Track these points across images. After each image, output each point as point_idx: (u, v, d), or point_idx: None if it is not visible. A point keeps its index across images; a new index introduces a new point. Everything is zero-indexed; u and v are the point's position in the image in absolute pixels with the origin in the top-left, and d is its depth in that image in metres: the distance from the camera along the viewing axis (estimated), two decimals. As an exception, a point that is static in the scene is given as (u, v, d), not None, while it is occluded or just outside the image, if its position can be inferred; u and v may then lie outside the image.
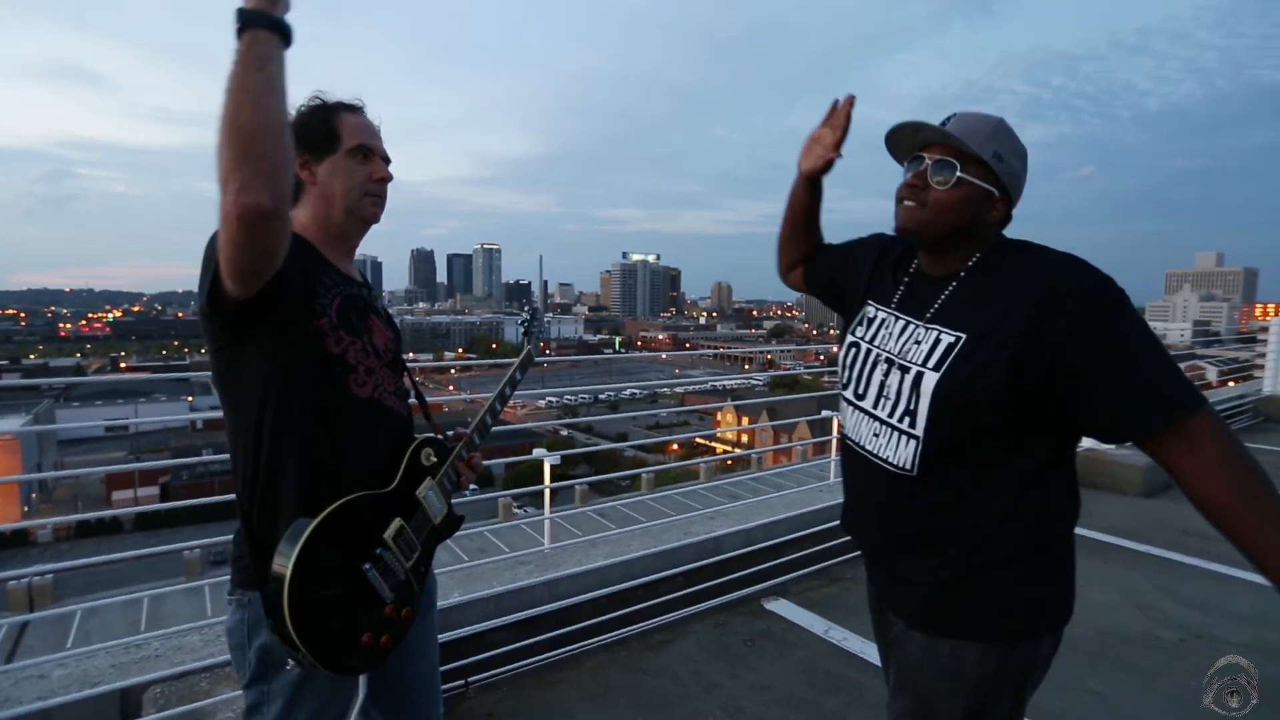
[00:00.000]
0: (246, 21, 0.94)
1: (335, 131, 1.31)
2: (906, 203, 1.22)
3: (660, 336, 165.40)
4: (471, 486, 1.53)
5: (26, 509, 39.69)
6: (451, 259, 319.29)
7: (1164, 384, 1.03)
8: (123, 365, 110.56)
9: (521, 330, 1.79)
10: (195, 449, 43.17)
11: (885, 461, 1.22)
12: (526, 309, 1.79)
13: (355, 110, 1.35)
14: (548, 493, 6.85)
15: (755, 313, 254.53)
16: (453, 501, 1.43)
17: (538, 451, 3.75)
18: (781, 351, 62.97)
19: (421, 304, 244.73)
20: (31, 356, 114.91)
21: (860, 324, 1.37)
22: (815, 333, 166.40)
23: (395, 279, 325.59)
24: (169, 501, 37.69)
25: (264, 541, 1.17)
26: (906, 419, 1.18)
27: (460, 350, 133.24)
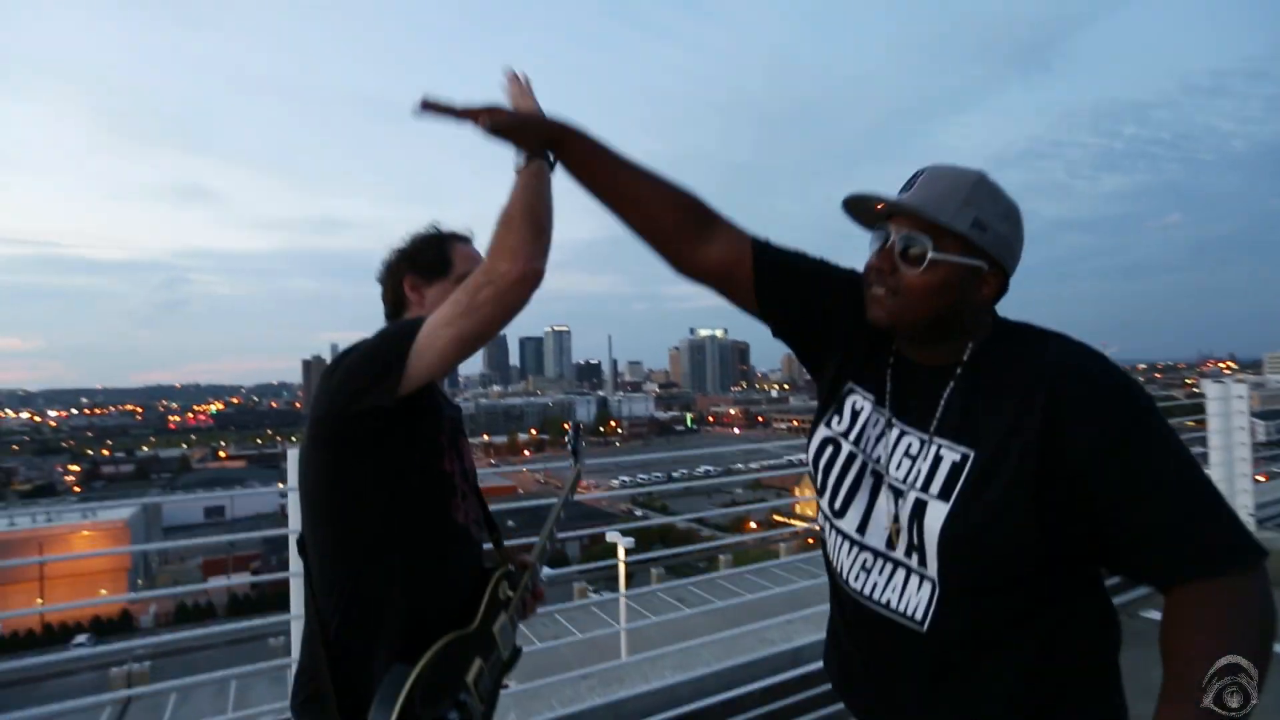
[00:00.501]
0: (543, 158, 1.12)
1: (448, 258, 1.37)
2: (874, 290, 0.98)
3: (731, 411, 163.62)
4: (546, 570, 1.48)
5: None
6: (523, 342, 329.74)
7: (1207, 525, 0.82)
8: (222, 454, 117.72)
9: (568, 449, 1.67)
10: (283, 536, 44.67)
11: (884, 607, 0.97)
12: (571, 430, 1.71)
13: (466, 240, 1.41)
14: (622, 582, 6.66)
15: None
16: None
17: (611, 535, 3.65)
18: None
19: (495, 386, 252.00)
20: (144, 448, 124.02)
21: (838, 413, 1.09)
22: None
23: (469, 364, 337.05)
24: (258, 589, 38.91)
25: (351, 674, 1.07)
26: (914, 555, 0.94)
27: (533, 431, 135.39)
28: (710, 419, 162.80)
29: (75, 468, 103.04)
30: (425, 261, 1.36)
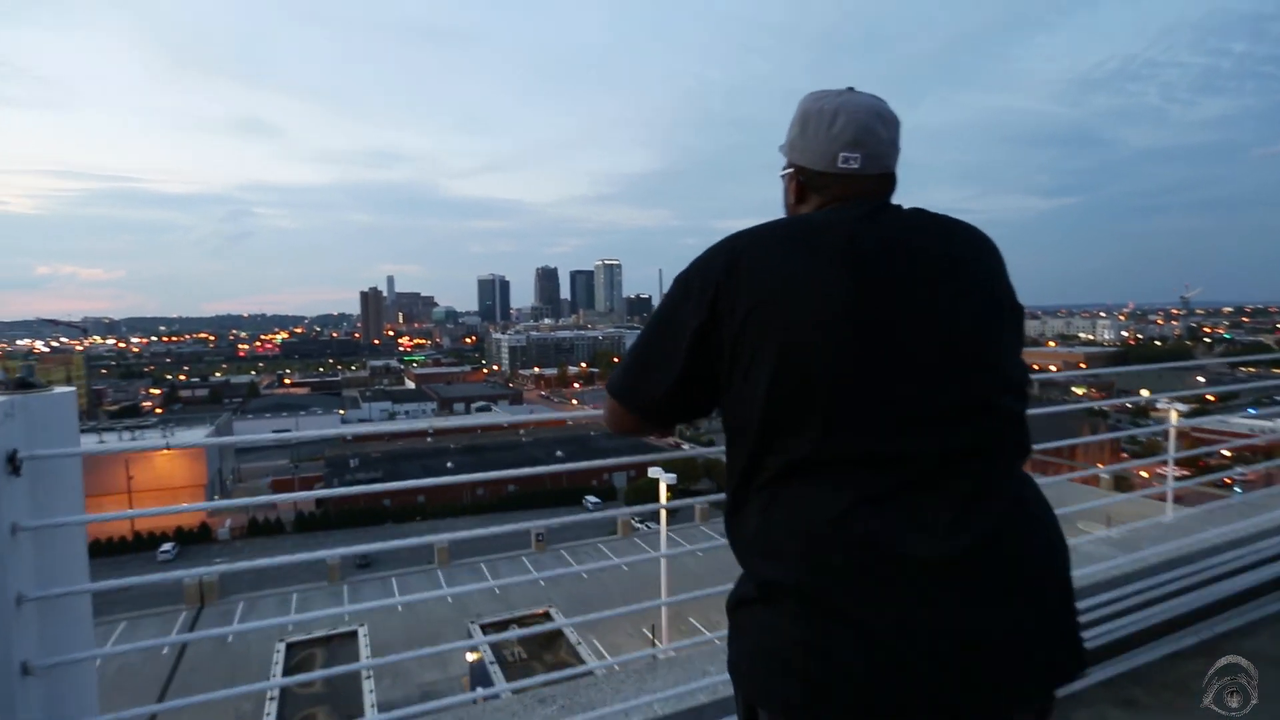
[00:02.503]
0: None
1: None
2: None
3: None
4: (592, 500, 1.25)
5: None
6: (574, 275, 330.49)
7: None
8: (287, 381, 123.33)
9: None
10: (344, 459, 46.97)
11: None
12: None
13: None
14: (664, 525, 6.43)
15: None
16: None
17: (654, 471, 3.39)
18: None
19: (546, 320, 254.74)
20: (217, 374, 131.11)
21: None
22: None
23: (521, 296, 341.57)
24: (323, 507, 41.09)
25: None
26: None
27: (583, 365, 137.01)
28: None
29: (156, 390, 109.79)
30: None
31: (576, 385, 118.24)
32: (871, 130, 1.07)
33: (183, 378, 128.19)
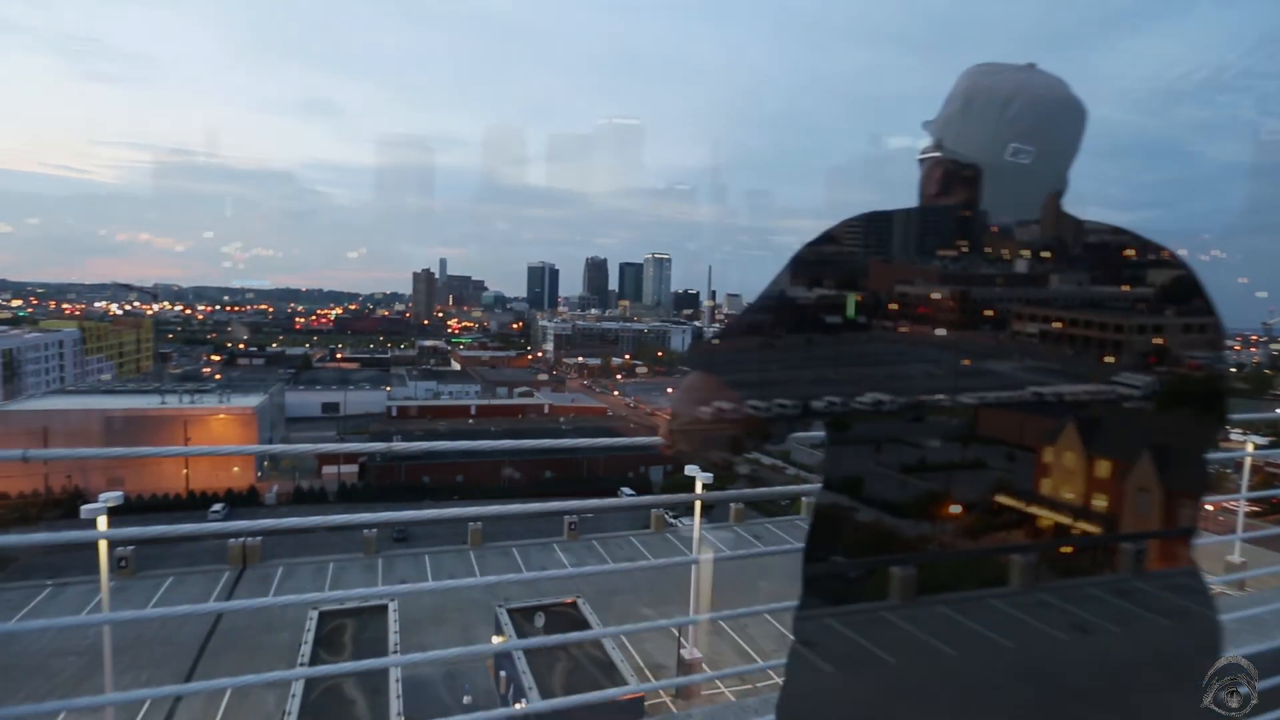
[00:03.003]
0: None
1: None
2: None
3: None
4: (628, 492, 1.09)
5: (259, 474, 46.42)
6: (623, 267, 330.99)
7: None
8: (339, 356, 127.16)
9: None
10: (387, 434, 48.03)
11: None
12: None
13: None
14: (698, 519, 6.20)
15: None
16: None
17: (691, 469, 3.17)
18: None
19: (593, 310, 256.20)
20: (274, 345, 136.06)
21: None
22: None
23: (570, 285, 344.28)
24: (365, 479, 42.09)
25: None
26: None
27: (627, 356, 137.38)
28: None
29: (216, 357, 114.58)
30: None
31: (619, 376, 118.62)
32: (1054, 121, 0.88)
33: (242, 346, 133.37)
